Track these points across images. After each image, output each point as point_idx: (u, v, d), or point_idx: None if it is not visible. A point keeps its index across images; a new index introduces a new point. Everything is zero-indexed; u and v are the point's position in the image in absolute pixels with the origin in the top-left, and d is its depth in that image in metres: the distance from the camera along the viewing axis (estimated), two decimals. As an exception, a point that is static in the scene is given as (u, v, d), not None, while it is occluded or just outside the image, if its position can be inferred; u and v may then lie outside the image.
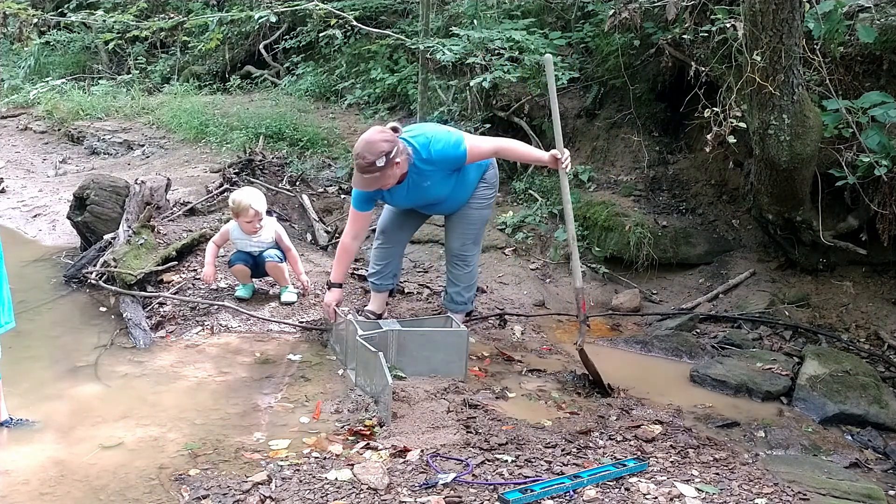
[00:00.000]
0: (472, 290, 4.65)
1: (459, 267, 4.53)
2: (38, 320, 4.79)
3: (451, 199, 4.36)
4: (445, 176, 4.21)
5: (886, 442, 3.83)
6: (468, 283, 4.59)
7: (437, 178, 4.19)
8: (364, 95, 9.07)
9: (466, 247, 4.49)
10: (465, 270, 4.54)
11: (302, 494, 2.83)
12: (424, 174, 4.15)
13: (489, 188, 4.46)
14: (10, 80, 12.09)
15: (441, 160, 4.13)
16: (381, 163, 3.91)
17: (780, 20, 4.37)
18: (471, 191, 4.38)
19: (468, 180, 4.35)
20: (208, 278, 4.87)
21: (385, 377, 3.46)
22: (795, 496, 2.94)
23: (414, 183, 4.18)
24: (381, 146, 3.92)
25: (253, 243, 4.82)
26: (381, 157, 3.91)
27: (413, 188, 4.20)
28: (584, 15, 7.23)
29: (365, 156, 3.91)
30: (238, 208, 4.70)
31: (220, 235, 4.95)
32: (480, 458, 3.08)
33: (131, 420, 3.46)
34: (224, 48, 11.08)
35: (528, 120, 6.99)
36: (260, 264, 4.82)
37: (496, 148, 4.32)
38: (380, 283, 4.69)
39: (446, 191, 4.28)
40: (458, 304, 4.61)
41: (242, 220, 4.73)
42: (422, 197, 4.28)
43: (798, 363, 4.52)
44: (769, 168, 4.95)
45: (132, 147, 9.13)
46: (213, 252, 4.91)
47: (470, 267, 4.54)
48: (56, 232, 6.77)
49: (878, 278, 5.33)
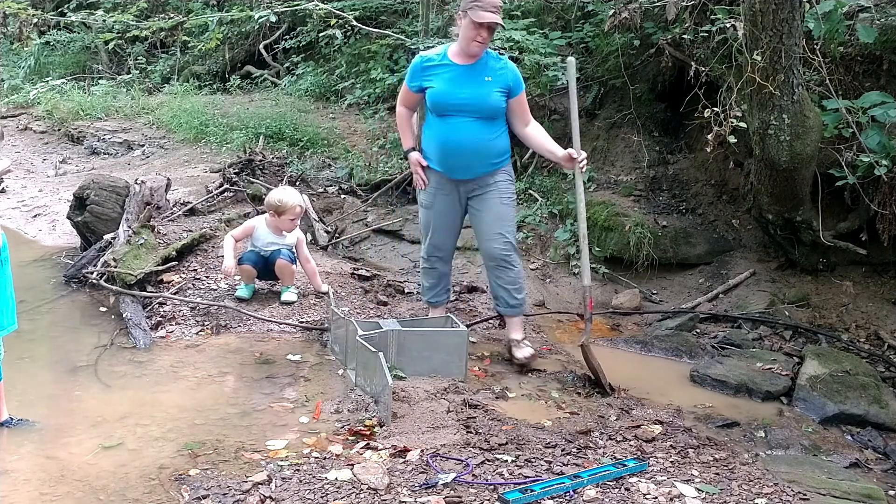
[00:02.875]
0: (523, 290, 4.44)
1: (505, 269, 4.32)
2: (38, 320, 4.79)
3: (483, 150, 4.20)
4: (495, 100, 4.15)
5: (886, 442, 3.83)
6: (518, 283, 4.37)
7: (493, 87, 4.13)
8: (364, 95, 9.07)
9: (507, 247, 4.30)
10: (512, 272, 4.33)
11: (302, 494, 2.83)
12: (489, 69, 4.15)
13: (512, 183, 4.38)
14: (10, 80, 12.10)
15: (507, 70, 4.17)
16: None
17: (780, 20, 4.37)
18: (497, 162, 4.26)
19: (500, 146, 4.26)
20: (229, 271, 4.86)
21: (385, 377, 3.46)
22: (795, 496, 2.94)
23: (476, 72, 4.14)
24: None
25: (274, 244, 4.85)
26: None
27: (471, 78, 4.14)
28: (584, 15, 7.23)
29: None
30: (284, 207, 4.76)
31: (241, 230, 4.97)
32: (480, 458, 3.08)
33: (131, 420, 3.46)
34: (224, 48, 11.08)
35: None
36: (270, 263, 4.84)
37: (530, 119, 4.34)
38: (436, 300, 4.63)
39: (483, 131, 4.17)
40: (514, 306, 4.38)
41: (286, 219, 4.79)
42: (468, 97, 4.13)
43: (798, 363, 4.52)
44: (769, 168, 4.95)
45: (132, 147, 9.13)
46: (231, 245, 4.91)
47: (516, 267, 4.35)
48: (56, 232, 6.77)
49: (878, 278, 5.33)
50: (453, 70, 4.17)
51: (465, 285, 5.53)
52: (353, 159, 7.85)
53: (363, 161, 7.74)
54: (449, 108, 4.17)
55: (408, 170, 7.20)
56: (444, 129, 4.21)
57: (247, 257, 4.86)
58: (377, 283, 5.36)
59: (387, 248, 6.42)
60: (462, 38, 4.11)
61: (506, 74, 4.17)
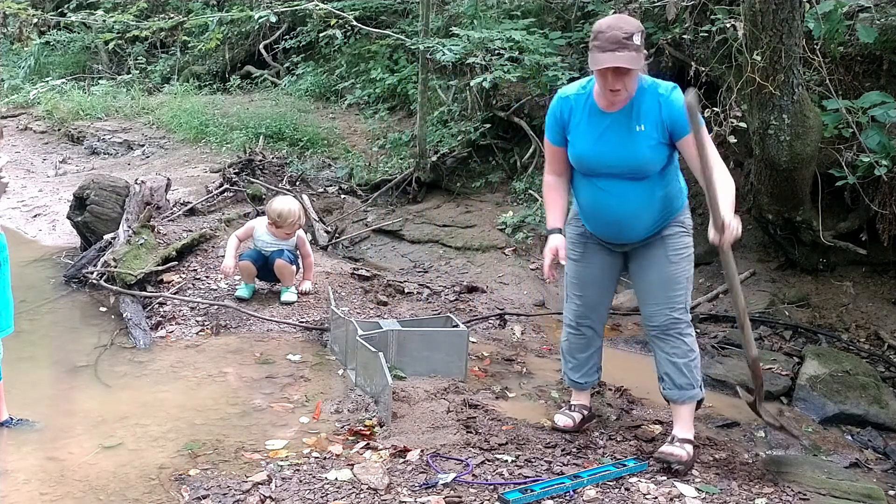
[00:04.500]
0: (693, 370, 3.30)
1: (668, 342, 3.28)
2: (38, 320, 4.79)
3: (643, 215, 3.24)
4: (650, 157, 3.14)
5: (886, 442, 3.83)
6: (687, 358, 3.28)
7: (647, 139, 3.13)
8: (364, 95, 9.08)
9: (676, 315, 3.27)
10: (677, 345, 3.28)
11: (302, 494, 2.83)
12: (642, 112, 3.11)
13: (686, 234, 3.34)
14: (10, 80, 12.10)
15: (663, 103, 3.08)
16: (638, 39, 2.98)
17: (780, 20, 4.37)
18: (665, 216, 3.29)
19: (668, 202, 3.27)
20: (227, 270, 4.89)
21: (385, 377, 3.45)
22: (795, 496, 2.94)
23: (624, 119, 3.12)
24: (636, 23, 3.06)
25: (275, 244, 4.88)
26: (640, 34, 2.99)
27: (618, 128, 3.14)
28: (584, 15, 7.23)
29: (621, 26, 2.98)
30: (283, 222, 4.79)
31: (244, 231, 5.00)
32: (480, 458, 3.08)
33: (131, 420, 3.46)
34: (224, 48, 11.09)
35: (528, 120, 6.99)
36: (270, 263, 4.85)
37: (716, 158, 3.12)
38: (583, 382, 3.55)
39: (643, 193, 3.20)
40: (679, 387, 3.27)
41: (282, 232, 4.83)
42: (614, 157, 3.16)
43: (798, 363, 4.52)
44: (769, 168, 4.95)
45: (132, 147, 9.13)
46: (234, 245, 4.94)
47: (685, 340, 3.28)
48: (56, 232, 6.77)
49: (878, 278, 5.33)
50: (595, 118, 3.19)
51: (465, 285, 5.53)
52: (353, 159, 7.86)
53: (363, 161, 7.75)
54: (593, 170, 3.24)
55: (408, 170, 7.25)
56: (593, 192, 3.28)
57: (247, 254, 4.88)
58: (377, 283, 5.36)
59: (387, 248, 6.42)
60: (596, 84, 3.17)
61: (658, 111, 3.10)
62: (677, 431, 3.24)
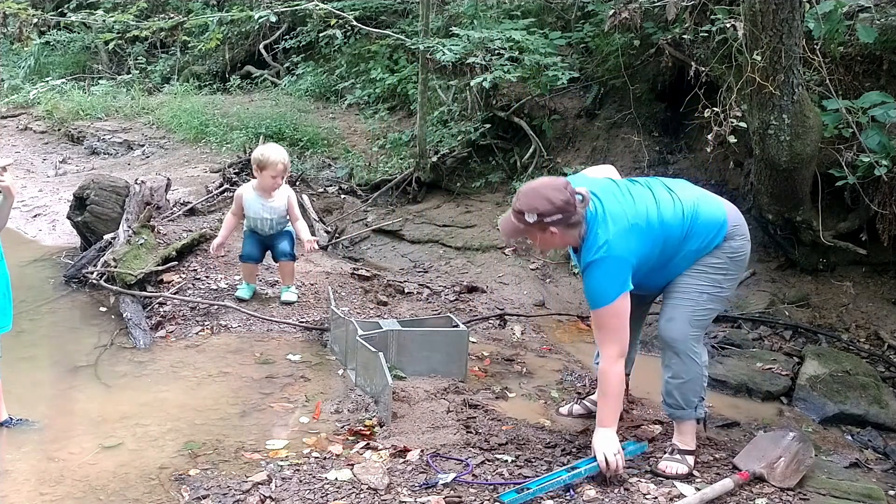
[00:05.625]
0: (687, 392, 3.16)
1: (666, 354, 3.22)
2: (38, 320, 4.79)
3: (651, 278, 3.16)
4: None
5: (886, 442, 3.82)
6: (680, 377, 3.15)
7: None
8: (364, 95, 9.08)
9: (672, 326, 3.15)
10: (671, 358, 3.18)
11: (302, 494, 2.83)
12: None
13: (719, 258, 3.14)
14: (10, 80, 12.10)
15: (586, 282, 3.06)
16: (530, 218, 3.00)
17: (780, 20, 4.37)
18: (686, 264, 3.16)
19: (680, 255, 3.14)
20: (216, 247, 4.86)
21: (385, 377, 3.45)
22: (795, 496, 2.94)
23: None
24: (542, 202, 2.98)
25: (267, 207, 4.78)
26: (532, 213, 2.99)
27: None
28: (584, 15, 7.23)
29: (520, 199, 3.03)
30: (265, 162, 4.65)
31: (235, 205, 4.91)
32: (480, 458, 3.08)
33: (131, 420, 3.46)
34: (224, 48, 11.09)
35: (528, 120, 6.99)
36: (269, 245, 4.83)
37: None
38: None
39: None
40: (668, 404, 3.23)
41: (268, 175, 4.67)
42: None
43: (798, 363, 4.52)
44: (769, 168, 4.95)
45: (132, 147, 9.13)
46: (229, 224, 4.89)
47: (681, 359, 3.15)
48: (56, 232, 6.77)
49: (878, 278, 5.33)
50: None
51: (465, 285, 5.53)
52: (353, 159, 7.86)
53: (363, 161, 7.75)
54: None
55: (408, 170, 7.25)
56: None
57: (247, 253, 4.84)
58: (377, 283, 5.36)
59: (387, 248, 6.43)
60: None
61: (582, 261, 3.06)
62: (676, 441, 3.22)
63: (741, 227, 3.22)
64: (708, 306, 3.18)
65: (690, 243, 3.13)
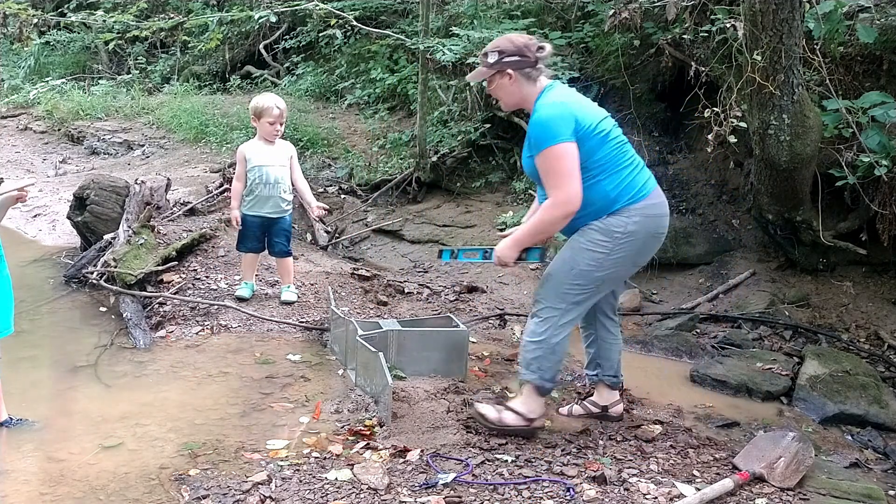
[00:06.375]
0: (535, 358, 3.22)
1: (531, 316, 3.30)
2: (38, 320, 4.79)
3: None
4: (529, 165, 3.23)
5: (886, 442, 3.82)
6: (530, 344, 3.23)
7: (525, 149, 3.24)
8: (364, 95, 9.08)
9: (539, 292, 3.27)
10: (530, 318, 3.29)
11: (302, 494, 2.83)
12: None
13: (602, 233, 3.11)
14: (10, 80, 12.11)
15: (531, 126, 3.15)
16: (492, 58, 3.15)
17: (780, 20, 4.37)
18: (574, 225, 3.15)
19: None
20: (236, 218, 4.83)
21: (385, 377, 3.45)
22: (795, 496, 2.94)
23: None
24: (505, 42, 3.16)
25: (270, 153, 4.75)
26: (494, 52, 3.15)
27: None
28: (584, 15, 7.23)
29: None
30: (261, 109, 4.66)
31: (238, 166, 4.87)
32: (480, 458, 3.08)
33: (131, 420, 3.46)
34: (224, 48, 11.10)
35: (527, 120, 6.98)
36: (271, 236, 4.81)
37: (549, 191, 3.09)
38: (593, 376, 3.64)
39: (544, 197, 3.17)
40: (521, 364, 3.33)
41: (265, 121, 4.68)
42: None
43: (798, 363, 4.52)
44: (769, 168, 4.95)
45: (132, 147, 9.14)
46: (237, 191, 4.85)
47: (534, 324, 3.22)
48: (56, 232, 6.77)
49: (878, 278, 5.33)
50: None
51: (465, 285, 5.53)
52: (353, 159, 7.86)
53: (363, 161, 7.75)
54: None
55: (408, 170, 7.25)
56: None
57: (246, 245, 4.83)
58: (377, 283, 5.36)
59: (387, 248, 6.43)
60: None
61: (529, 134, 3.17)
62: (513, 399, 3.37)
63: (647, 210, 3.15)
64: (576, 282, 3.15)
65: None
